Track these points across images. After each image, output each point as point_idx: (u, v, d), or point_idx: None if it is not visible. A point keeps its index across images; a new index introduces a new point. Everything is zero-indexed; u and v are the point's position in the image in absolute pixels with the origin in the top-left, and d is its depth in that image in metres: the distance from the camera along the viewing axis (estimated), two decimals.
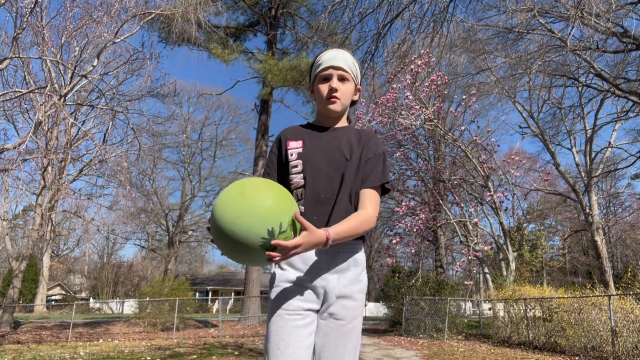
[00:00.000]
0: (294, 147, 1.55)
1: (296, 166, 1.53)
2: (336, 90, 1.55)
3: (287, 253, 1.23)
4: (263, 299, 18.84)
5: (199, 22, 14.27)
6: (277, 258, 1.22)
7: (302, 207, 1.48)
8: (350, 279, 1.45)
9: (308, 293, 1.42)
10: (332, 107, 1.56)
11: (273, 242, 1.21)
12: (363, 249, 1.55)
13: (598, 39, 11.31)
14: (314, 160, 1.52)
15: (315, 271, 1.43)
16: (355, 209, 1.49)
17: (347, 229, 1.37)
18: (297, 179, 1.52)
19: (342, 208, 1.47)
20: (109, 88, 15.08)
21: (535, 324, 9.95)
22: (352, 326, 1.43)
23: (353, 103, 1.67)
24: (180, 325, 16.00)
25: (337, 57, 1.55)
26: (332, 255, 1.45)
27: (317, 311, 1.44)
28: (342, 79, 1.56)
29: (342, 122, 1.64)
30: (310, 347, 1.38)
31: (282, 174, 1.58)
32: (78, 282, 51.06)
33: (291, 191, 1.52)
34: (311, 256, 1.44)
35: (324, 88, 1.56)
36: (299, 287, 1.42)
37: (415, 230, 13.63)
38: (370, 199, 1.49)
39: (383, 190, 1.59)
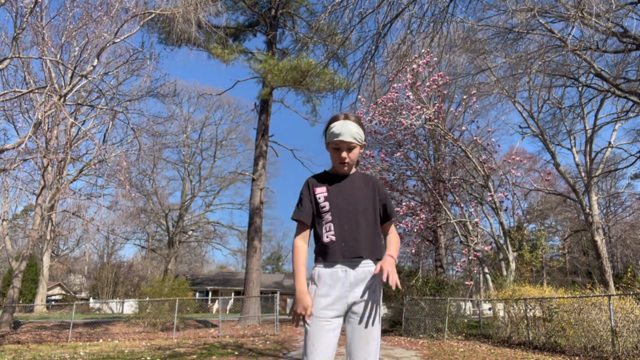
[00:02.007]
0: (320, 192, 2.03)
1: (325, 207, 2.00)
2: (345, 159, 2.01)
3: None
4: (263, 299, 18.85)
5: (199, 23, 14.27)
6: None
7: (334, 237, 1.94)
8: (367, 286, 1.91)
9: (336, 303, 1.88)
10: (343, 170, 2.04)
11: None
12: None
13: (598, 39, 11.31)
14: (337, 202, 2.00)
15: (341, 285, 1.90)
16: (369, 225, 1.98)
17: (395, 247, 2.00)
18: (327, 215, 2.00)
19: (361, 231, 1.95)
20: (109, 88, 15.09)
21: (535, 324, 9.95)
22: (372, 320, 1.92)
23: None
24: (180, 325, 16.01)
25: (344, 133, 1.96)
26: (353, 273, 1.91)
27: (344, 315, 1.91)
28: (350, 148, 2.00)
29: (352, 171, 2.10)
30: (335, 344, 1.87)
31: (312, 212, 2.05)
32: (78, 282, 51.07)
33: (321, 224, 2.00)
34: (337, 275, 1.91)
35: (336, 155, 2.02)
36: (328, 299, 1.89)
37: (415, 230, 13.62)
38: (393, 228, 2.09)
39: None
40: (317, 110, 21.33)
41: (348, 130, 1.96)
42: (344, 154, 1.99)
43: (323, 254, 1.93)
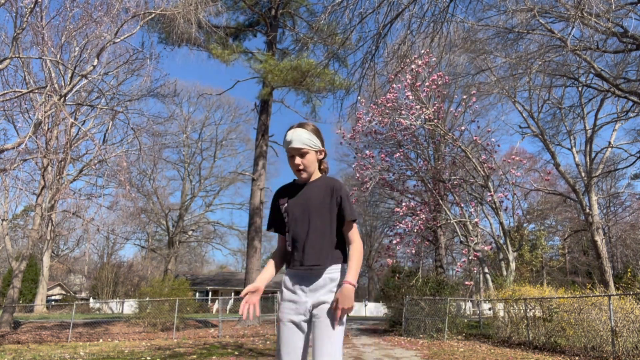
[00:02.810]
0: (282, 204, 2.11)
1: (285, 217, 2.08)
2: (299, 165, 2.03)
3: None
4: (263, 299, 18.84)
5: (199, 23, 14.27)
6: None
7: (290, 246, 2.04)
8: (327, 290, 1.94)
9: (298, 308, 1.95)
10: (301, 178, 2.08)
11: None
12: (340, 267, 2.00)
13: (598, 39, 11.31)
14: (293, 211, 2.06)
15: (301, 291, 1.97)
16: (321, 231, 1.99)
17: (356, 267, 1.93)
18: (288, 225, 2.07)
19: (312, 238, 1.98)
20: (109, 88, 15.09)
21: (535, 324, 9.95)
22: (328, 322, 1.93)
23: (324, 157, 2.16)
24: (180, 325, 16.01)
25: (293, 140, 2.01)
26: (314, 279, 1.96)
27: (308, 319, 1.95)
28: (303, 154, 2.03)
29: (316, 175, 2.12)
30: (302, 346, 1.94)
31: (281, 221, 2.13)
32: (78, 282, 51.06)
33: (286, 234, 2.09)
34: (296, 281, 1.99)
35: (291, 163, 2.06)
36: (291, 304, 1.97)
37: (415, 230, 13.62)
38: (353, 232, 2.03)
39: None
40: (317, 110, 21.35)
41: (298, 137, 2.02)
42: (298, 160, 2.03)
43: (287, 261, 2.04)
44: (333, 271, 1.98)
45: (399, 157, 14.81)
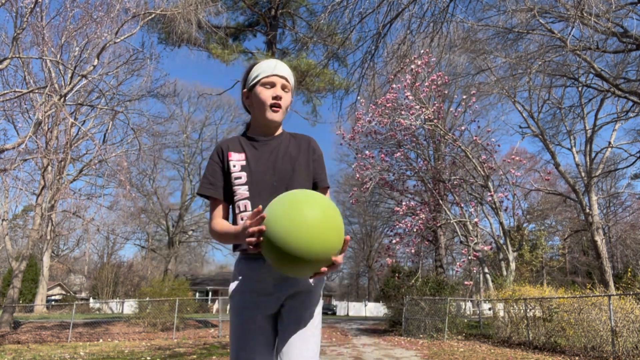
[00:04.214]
0: (237, 159, 1.57)
1: (240, 177, 1.56)
2: (280, 99, 1.57)
3: (335, 268, 1.32)
4: None
5: (199, 23, 14.27)
6: (325, 271, 1.30)
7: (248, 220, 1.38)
8: (303, 279, 1.53)
9: (264, 301, 1.53)
10: (274, 116, 1.57)
11: (334, 258, 1.29)
12: None
13: (598, 39, 11.31)
14: (257, 173, 1.56)
15: (274, 281, 1.52)
16: None
17: None
18: (241, 190, 1.55)
19: None
20: (109, 88, 15.08)
21: (535, 324, 9.95)
22: (309, 313, 1.54)
23: None
24: (180, 325, 16.00)
25: (280, 66, 1.58)
26: None
27: (275, 314, 1.55)
28: (284, 88, 1.59)
29: (279, 131, 1.65)
30: (268, 344, 1.53)
31: (225, 185, 1.59)
32: (78, 282, 51.05)
33: (234, 202, 1.56)
34: (261, 267, 1.52)
35: (266, 94, 1.56)
36: (253, 295, 1.53)
37: (415, 230, 13.62)
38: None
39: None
40: (317, 110, 21.33)
41: (283, 66, 1.60)
42: (279, 91, 1.56)
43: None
44: None
45: (399, 157, 14.81)
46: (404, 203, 14.40)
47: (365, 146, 16.03)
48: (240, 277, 1.57)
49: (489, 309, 13.91)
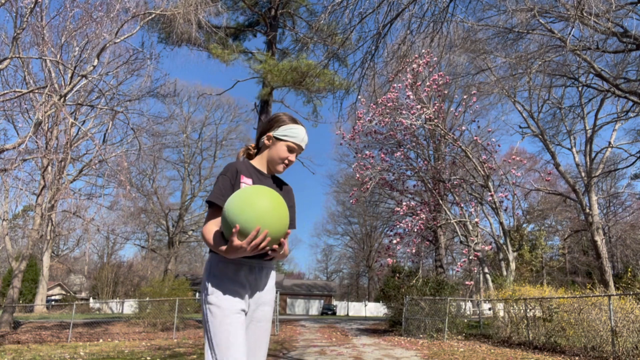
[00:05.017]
0: (246, 182, 1.88)
1: None
2: (291, 163, 1.98)
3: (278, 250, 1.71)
4: None
5: (199, 23, 14.27)
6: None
7: None
8: (269, 288, 1.88)
9: (245, 301, 1.78)
10: (281, 169, 1.98)
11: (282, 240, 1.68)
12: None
13: (598, 39, 11.32)
14: None
15: (250, 285, 1.80)
16: None
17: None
18: None
19: None
20: (109, 88, 15.08)
21: (535, 324, 9.96)
22: (269, 325, 1.89)
23: None
24: (180, 325, 16.00)
25: (305, 140, 1.98)
26: (262, 273, 1.84)
27: (244, 314, 1.79)
28: (298, 154, 2.01)
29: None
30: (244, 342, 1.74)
31: None
32: (78, 282, 51.05)
33: None
34: (247, 274, 1.79)
35: (285, 155, 1.95)
36: (241, 295, 1.77)
37: (415, 230, 13.62)
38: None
39: None
40: (318, 110, 21.33)
41: (307, 139, 2.01)
42: (294, 158, 1.98)
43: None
44: (272, 266, 1.93)
45: (399, 157, 14.81)
46: (404, 203, 14.39)
47: (365, 146, 16.03)
48: (222, 278, 1.77)
49: (489, 309, 13.92)
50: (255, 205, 1.58)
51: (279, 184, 2.01)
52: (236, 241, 1.57)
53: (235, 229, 1.56)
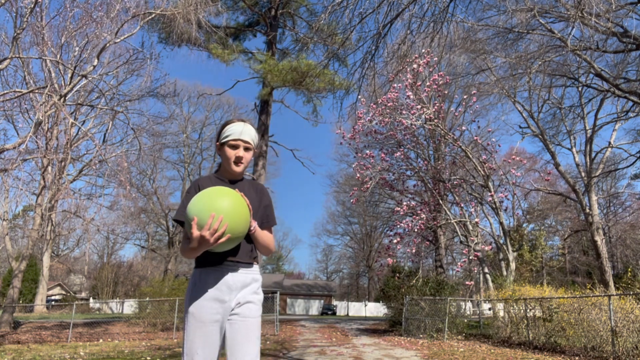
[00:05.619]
0: None
1: None
2: (242, 158, 2.02)
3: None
4: (263, 299, 18.81)
5: (199, 23, 14.27)
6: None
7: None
8: (252, 290, 1.97)
9: (218, 307, 1.87)
10: (236, 169, 2.03)
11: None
12: (257, 268, 2.07)
13: (598, 39, 11.32)
14: None
15: (230, 290, 1.90)
16: (251, 241, 2.01)
17: (264, 235, 2.01)
18: None
19: (245, 242, 1.98)
20: (109, 88, 15.08)
21: (535, 324, 9.96)
22: (256, 321, 1.95)
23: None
24: (180, 325, 15.99)
25: (244, 132, 2.02)
26: (241, 278, 1.94)
27: (225, 318, 1.89)
28: (246, 149, 2.04)
29: (241, 178, 2.12)
30: (219, 347, 1.89)
31: None
32: (78, 282, 51.05)
33: None
34: (220, 277, 1.90)
35: (231, 153, 2.02)
36: (219, 303, 1.88)
37: (415, 230, 13.61)
38: (272, 236, 2.10)
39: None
40: (317, 110, 21.33)
41: (249, 130, 2.04)
42: (241, 152, 2.02)
43: (206, 256, 1.89)
44: (255, 271, 2.02)
45: (399, 157, 14.80)
46: (404, 203, 14.39)
47: (365, 146, 16.03)
48: (199, 286, 1.90)
49: (489, 309, 13.92)
50: (202, 196, 1.75)
51: (250, 186, 2.09)
52: (195, 232, 1.69)
53: (193, 221, 1.69)
